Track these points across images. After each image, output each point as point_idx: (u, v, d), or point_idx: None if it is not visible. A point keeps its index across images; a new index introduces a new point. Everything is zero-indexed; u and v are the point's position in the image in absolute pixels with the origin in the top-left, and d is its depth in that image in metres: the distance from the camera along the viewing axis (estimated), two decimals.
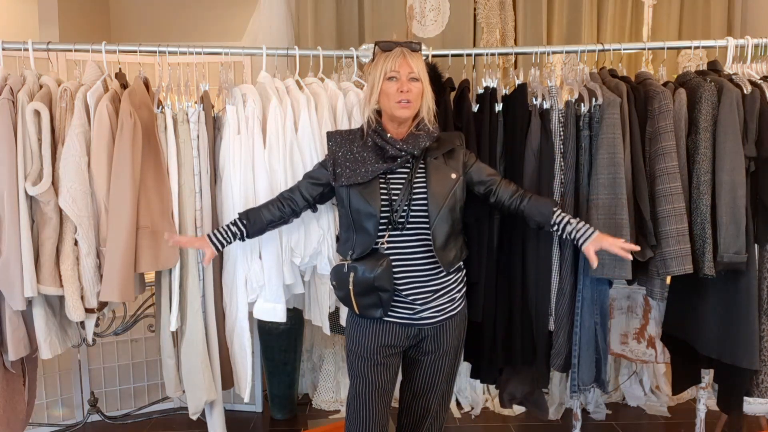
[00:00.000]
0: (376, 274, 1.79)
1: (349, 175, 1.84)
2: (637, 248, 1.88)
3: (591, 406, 3.21)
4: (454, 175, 1.87)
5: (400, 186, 1.84)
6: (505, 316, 2.30)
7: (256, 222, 1.99)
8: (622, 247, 1.84)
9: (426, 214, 1.83)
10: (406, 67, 1.81)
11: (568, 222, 1.89)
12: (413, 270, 1.86)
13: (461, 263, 1.98)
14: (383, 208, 1.82)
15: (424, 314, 1.87)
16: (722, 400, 2.37)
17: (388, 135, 1.86)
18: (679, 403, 3.31)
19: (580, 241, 1.87)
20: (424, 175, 1.86)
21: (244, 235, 2.00)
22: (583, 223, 1.90)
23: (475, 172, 1.94)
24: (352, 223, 1.86)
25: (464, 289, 2.00)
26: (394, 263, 1.83)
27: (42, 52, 2.24)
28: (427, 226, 1.83)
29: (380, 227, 1.82)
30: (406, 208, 1.83)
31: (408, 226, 1.83)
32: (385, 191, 1.84)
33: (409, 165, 1.87)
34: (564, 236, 1.92)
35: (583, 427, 2.85)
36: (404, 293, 1.85)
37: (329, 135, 1.97)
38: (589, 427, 3.05)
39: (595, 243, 1.84)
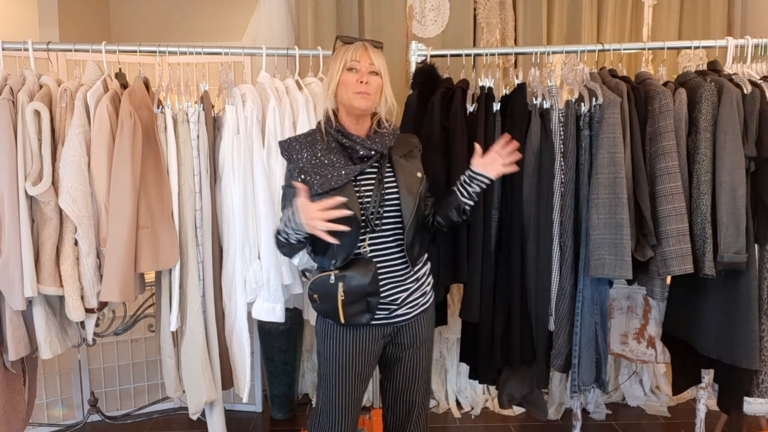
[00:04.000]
0: (369, 279, 1.75)
1: (322, 182, 1.73)
2: (505, 142, 1.87)
3: (591, 406, 3.21)
4: (419, 174, 1.86)
5: (371, 186, 1.80)
6: (505, 316, 2.30)
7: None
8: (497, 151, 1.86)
9: (398, 212, 1.80)
10: (367, 59, 1.77)
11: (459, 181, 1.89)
12: (391, 270, 1.84)
13: (426, 255, 1.97)
14: (360, 212, 1.77)
15: (399, 311, 1.86)
16: (722, 400, 2.37)
17: (354, 134, 1.79)
18: (679, 403, 3.31)
19: (468, 171, 1.86)
20: (392, 174, 1.83)
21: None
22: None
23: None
24: (333, 232, 1.76)
25: (432, 282, 1.99)
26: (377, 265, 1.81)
27: (42, 52, 2.25)
28: (400, 224, 1.80)
29: (360, 231, 1.77)
30: (379, 209, 1.79)
31: (382, 226, 1.81)
32: (357, 194, 1.78)
33: (376, 165, 1.82)
34: (466, 188, 1.87)
35: (583, 427, 2.85)
36: (383, 294, 1.83)
37: (281, 144, 1.84)
38: (589, 427, 3.05)
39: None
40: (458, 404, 3.32)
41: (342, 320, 1.80)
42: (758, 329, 2.16)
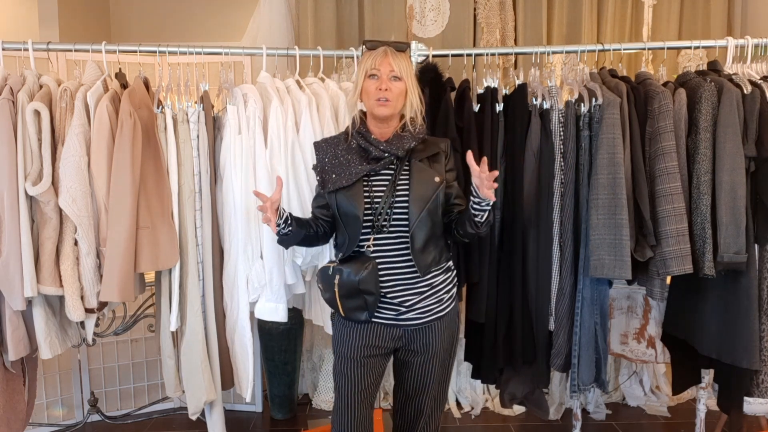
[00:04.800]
0: (361, 276, 1.77)
1: (335, 180, 1.83)
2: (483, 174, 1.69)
3: (591, 406, 3.21)
4: (437, 179, 1.84)
5: (384, 188, 1.83)
6: (506, 316, 2.31)
7: (300, 220, 1.91)
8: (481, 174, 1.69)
9: (407, 216, 1.81)
10: (387, 65, 1.80)
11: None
12: (398, 272, 1.84)
13: (450, 264, 1.96)
14: (366, 210, 1.80)
15: (409, 315, 1.86)
16: (722, 400, 2.37)
17: (372, 136, 1.85)
18: (679, 403, 3.31)
19: (474, 194, 1.75)
20: (407, 177, 1.84)
21: (290, 220, 1.85)
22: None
23: (448, 191, 1.89)
24: (345, 228, 1.85)
25: (454, 290, 1.97)
26: (379, 266, 1.81)
27: (42, 52, 2.24)
28: (408, 229, 1.81)
29: (364, 229, 1.81)
30: (388, 210, 1.81)
31: (391, 228, 1.82)
32: (367, 193, 1.82)
33: (393, 167, 1.85)
34: (472, 200, 1.77)
35: (583, 427, 2.85)
36: (390, 296, 1.84)
37: (315, 145, 1.95)
38: (589, 427, 3.05)
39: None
40: (458, 404, 3.32)
41: (341, 313, 1.85)
42: (758, 329, 2.16)
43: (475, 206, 1.77)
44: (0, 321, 2.11)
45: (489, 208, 1.78)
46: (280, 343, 3.15)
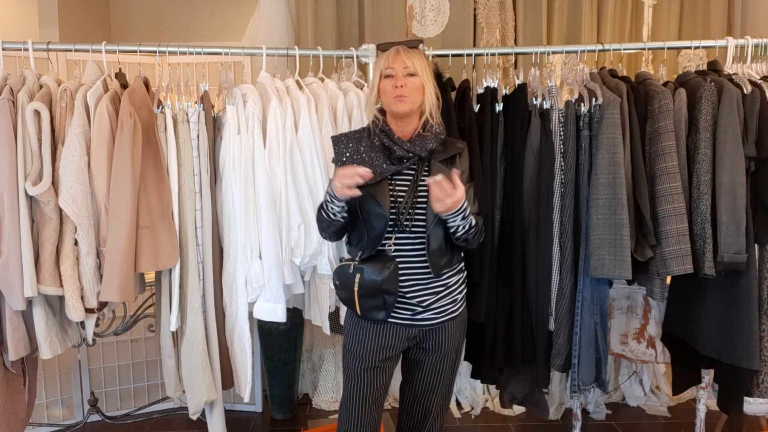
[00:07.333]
0: (384, 277, 1.77)
1: None
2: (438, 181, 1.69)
3: (591, 406, 3.21)
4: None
5: (406, 188, 1.83)
6: (506, 315, 2.31)
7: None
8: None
9: (426, 216, 1.81)
10: (401, 63, 1.80)
11: None
12: (416, 272, 1.85)
13: (462, 264, 1.97)
14: (391, 210, 1.81)
15: (425, 315, 1.87)
16: (722, 400, 2.37)
17: (396, 135, 1.84)
18: (679, 403, 3.31)
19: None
20: (427, 177, 1.84)
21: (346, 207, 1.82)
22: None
23: None
24: (363, 225, 1.84)
25: (465, 290, 1.99)
26: (398, 265, 1.82)
27: (42, 52, 2.24)
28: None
29: (388, 229, 1.81)
30: (410, 210, 1.81)
31: (413, 228, 1.82)
32: (391, 192, 1.82)
33: (415, 167, 1.85)
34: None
35: (583, 427, 2.85)
36: (408, 295, 1.85)
37: (334, 140, 1.93)
38: (589, 427, 3.05)
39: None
40: (458, 404, 3.32)
41: (358, 311, 1.84)
42: (758, 329, 2.16)
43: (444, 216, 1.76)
44: (0, 321, 2.11)
45: (457, 218, 1.76)
46: (280, 343, 3.15)
